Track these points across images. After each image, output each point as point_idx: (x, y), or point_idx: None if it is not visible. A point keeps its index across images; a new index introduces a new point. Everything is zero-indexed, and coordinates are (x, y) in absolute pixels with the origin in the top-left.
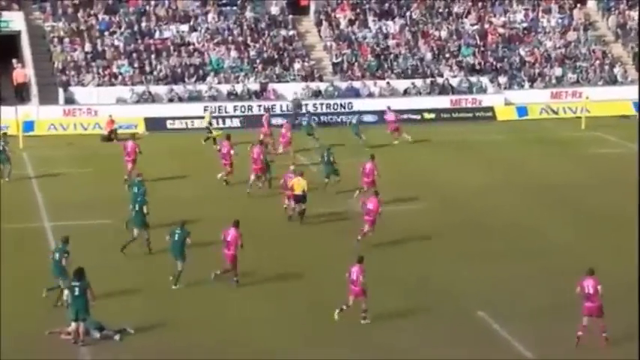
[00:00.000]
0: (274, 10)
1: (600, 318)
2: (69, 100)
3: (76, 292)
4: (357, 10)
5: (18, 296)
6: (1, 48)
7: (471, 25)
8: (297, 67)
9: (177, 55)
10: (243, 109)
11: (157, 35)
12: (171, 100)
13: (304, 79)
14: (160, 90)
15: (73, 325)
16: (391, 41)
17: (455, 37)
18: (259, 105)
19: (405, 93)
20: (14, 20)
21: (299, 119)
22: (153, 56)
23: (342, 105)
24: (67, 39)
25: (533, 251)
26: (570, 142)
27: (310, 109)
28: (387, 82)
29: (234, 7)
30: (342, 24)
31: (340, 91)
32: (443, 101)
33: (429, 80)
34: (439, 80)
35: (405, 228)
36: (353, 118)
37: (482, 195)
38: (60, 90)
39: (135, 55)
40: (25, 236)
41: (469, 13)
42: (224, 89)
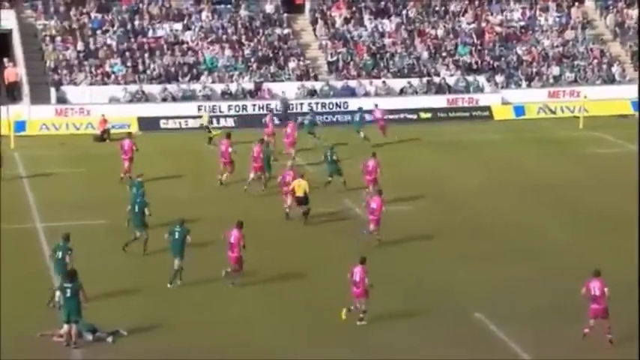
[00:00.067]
0: (269, 9)
1: (605, 319)
2: (61, 100)
3: (68, 294)
4: (353, 9)
5: (10, 298)
6: None
7: (468, 24)
8: (292, 66)
9: (171, 54)
10: (237, 108)
11: (150, 34)
12: (165, 100)
13: (299, 78)
14: (154, 89)
15: (65, 327)
16: (387, 40)
17: (451, 36)
18: (254, 104)
19: (402, 92)
20: (5, 19)
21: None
22: (146, 55)
23: (337, 104)
24: (59, 37)
25: (531, 251)
26: (568, 141)
27: (305, 108)
28: (383, 82)
29: (228, 6)
30: (338, 22)
31: (336, 91)
32: (439, 100)
33: (425, 79)
34: (436, 79)
35: (402, 228)
36: (355, 115)
37: (480, 195)
38: (52, 89)
39: (128, 54)
40: (17, 237)
41: (466, 11)
42: (218, 88)
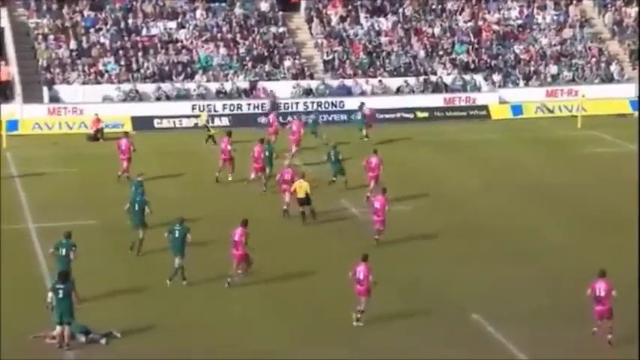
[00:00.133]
0: (264, 7)
1: (609, 320)
2: (54, 99)
3: (61, 295)
4: (349, 7)
5: (3, 299)
6: None
7: (465, 22)
8: (287, 64)
9: (165, 53)
10: (232, 107)
11: (144, 32)
12: (159, 99)
13: (295, 77)
14: (148, 88)
15: (57, 329)
16: (383, 38)
17: (448, 35)
18: (249, 103)
19: (398, 91)
20: None
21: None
22: (140, 54)
23: (333, 104)
24: (51, 36)
25: (529, 252)
26: (566, 141)
27: (301, 108)
28: (380, 80)
29: (222, 4)
30: (334, 21)
31: (331, 90)
32: (436, 100)
33: (422, 78)
34: (432, 78)
35: (399, 228)
36: (357, 113)
37: (477, 195)
38: (44, 88)
39: (121, 53)
40: (9, 238)
41: (463, 9)
42: (213, 87)
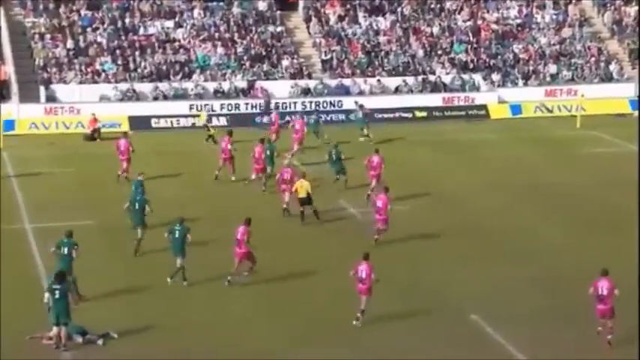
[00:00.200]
0: (262, 6)
1: (611, 320)
2: (50, 98)
3: (57, 295)
4: (347, 6)
5: (2, 300)
6: None
7: (464, 21)
8: (285, 64)
9: (162, 52)
10: (230, 107)
11: (141, 31)
12: (156, 98)
13: (293, 76)
14: (145, 88)
15: (54, 330)
16: (382, 38)
17: (447, 34)
18: (246, 103)
19: (397, 91)
20: None
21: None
22: (137, 53)
23: (331, 103)
24: (48, 35)
25: (528, 252)
26: (565, 141)
27: (299, 107)
28: (378, 80)
29: (220, 3)
30: (332, 20)
31: (330, 89)
32: (435, 99)
33: (420, 78)
34: (431, 78)
35: (397, 228)
36: (358, 112)
37: (476, 195)
38: (41, 88)
39: (118, 52)
40: (6, 238)
41: (461, 9)
42: (210, 87)
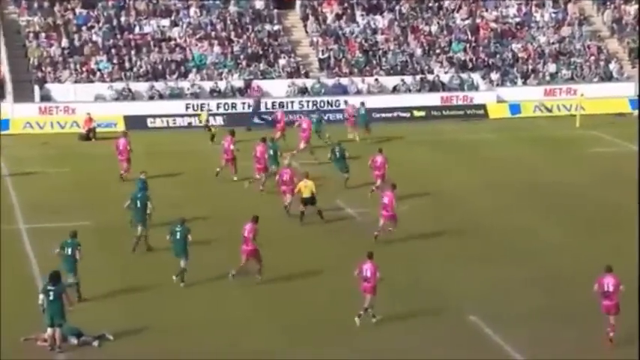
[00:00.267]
0: (259, 5)
1: (615, 316)
2: (45, 98)
3: (51, 297)
4: (345, 4)
5: None
6: None
7: (462, 20)
8: (282, 63)
9: (158, 51)
10: (226, 106)
11: (136, 30)
12: (152, 98)
13: (290, 75)
14: (141, 87)
15: (49, 331)
16: (380, 36)
17: (445, 33)
18: (243, 102)
19: (394, 90)
20: None
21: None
22: (133, 52)
23: (329, 102)
24: (43, 34)
25: (527, 252)
26: (565, 140)
27: (296, 107)
28: (376, 79)
29: (217, 1)
30: (329, 19)
31: (327, 89)
32: (433, 98)
33: (418, 77)
34: (429, 77)
35: (397, 228)
36: (361, 108)
37: (475, 195)
38: (36, 87)
39: (114, 51)
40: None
41: (460, 7)
42: (207, 86)
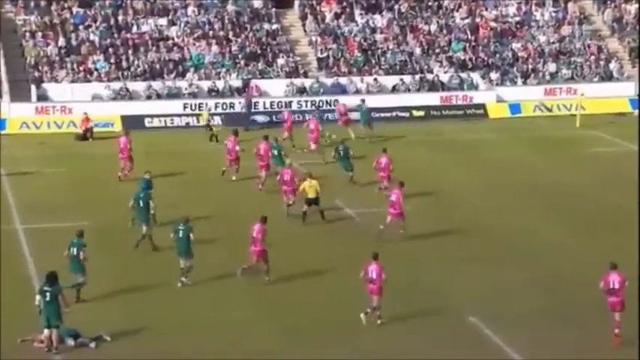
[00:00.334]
0: (257, 4)
1: (621, 312)
2: (42, 97)
3: (48, 298)
4: (343, 3)
5: None
6: None
7: (462, 19)
8: (280, 62)
9: (156, 50)
10: (224, 106)
11: (134, 29)
12: (150, 97)
13: (288, 75)
14: (138, 86)
15: (45, 332)
16: (379, 36)
17: (445, 32)
18: (241, 102)
19: (394, 89)
20: None
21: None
22: (130, 51)
23: (328, 102)
24: (39, 33)
25: (527, 252)
26: (565, 140)
27: (295, 106)
28: (375, 79)
29: (215, 1)
30: (328, 18)
31: (326, 88)
32: (432, 98)
33: (418, 76)
34: (429, 76)
35: (396, 228)
36: (362, 105)
37: (474, 195)
38: (32, 87)
39: (111, 50)
40: None
41: (460, 6)
42: (205, 86)
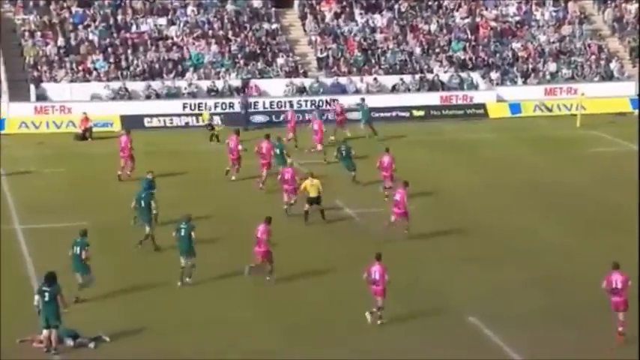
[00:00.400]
0: (256, 3)
1: (624, 312)
2: (41, 97)
3: (46, 298)
4: (343, 3)
5: None
6: None
7: (462, 19)
8: (280, 62)
9: (155, 50)
10: (224, 106)
11: (133, 29)
12: (149, 97)
13: (288, 74)
14: (137, 86)
15: (44, 333)
16: (378, 35)
17: (445, 31)
18: (239, 102)
19: (394, 89)
20: None
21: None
22: (129, 51)
23: (327, 102)
24: (38, 33)
25: (527, 252)
26: (565, 140)
27: (295, 106)
28: (375, 78)
29: (214, 0)
30: (328, 17)
31: (325, 88)
32: (432, 98)
33: (418, 76)
34: (429, 76)
35: (396, 228)
36: (363, 105)
37: (475, 195)
38: (31, 86)
39: (110, 50)
40: None
41: (460, 6)
42: (204, 85)
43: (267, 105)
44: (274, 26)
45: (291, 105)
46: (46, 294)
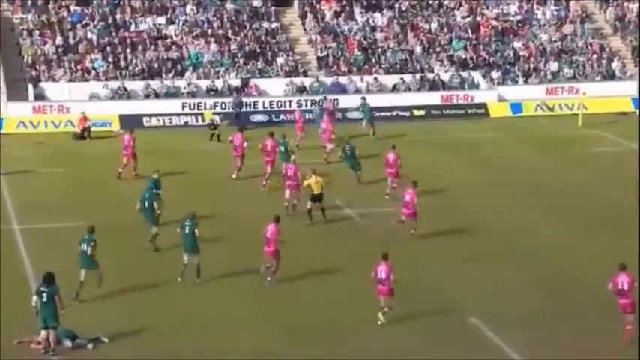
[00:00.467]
0: (256, 2)
1: (632, 313)
2: (39, 97)
3: (44, 298)
4: (343, 2)
5: None
6: None
7: (463, 18)
8: (280, 61)
9: (154, 49)
10: (223, 105)
11: (132, 28)
12: (148, 97)
13: (288, 74)
14: (136, 85)
15: (42, 334)
16: (379, 34)
17: (446, 30)
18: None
19: (394, 89)
20: None
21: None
22: (128, 50)
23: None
24: (37, 32)
25: (528, 252)
26: (567, 140)
27: (294, 105)
28: (375, 78)
29: None
30: (328, 16)
31: (326, 87)
32: (433, 97)
33: (418, 75)
34: (429, 75)
35: (396, 228)
36: (365, 103)
37: (475, 195)
38: (30, 86)
39: (109, 49)
40: None
41: (460, 5)
42: (203, 85)
43: (266, 104)
44: (274, 25)
45: (288, 104)
46: (44, 294)
